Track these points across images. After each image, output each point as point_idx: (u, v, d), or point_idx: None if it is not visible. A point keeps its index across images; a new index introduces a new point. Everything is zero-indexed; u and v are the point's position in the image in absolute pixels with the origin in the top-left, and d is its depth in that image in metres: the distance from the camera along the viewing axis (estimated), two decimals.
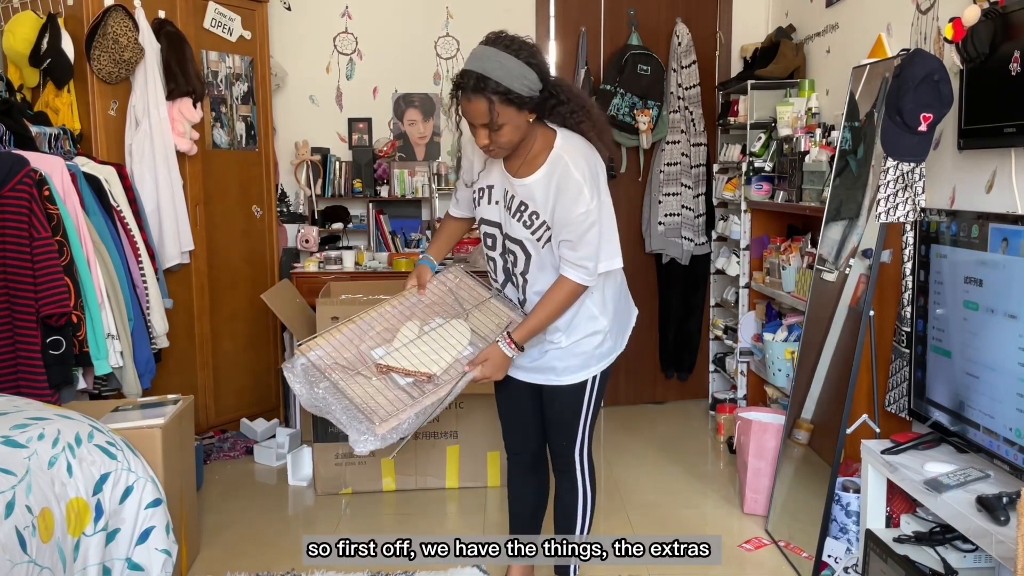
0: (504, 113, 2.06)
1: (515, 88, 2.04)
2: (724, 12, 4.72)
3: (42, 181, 2.87)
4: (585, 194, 2.13)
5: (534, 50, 2.10)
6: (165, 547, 2.43)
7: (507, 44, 2.06)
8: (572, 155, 2.16)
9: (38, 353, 2.83)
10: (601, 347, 2.37)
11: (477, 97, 2.05)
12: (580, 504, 2.51)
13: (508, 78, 2.03)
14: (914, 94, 2.56)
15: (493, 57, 2.04)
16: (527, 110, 2.10)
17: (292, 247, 4.59)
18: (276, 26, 4.48)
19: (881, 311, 2.82)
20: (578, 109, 2.20)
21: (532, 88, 2.08)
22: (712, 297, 4.66)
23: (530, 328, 2.25)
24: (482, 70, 2.03)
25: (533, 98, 2.09)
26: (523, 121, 2.11)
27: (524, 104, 2.07)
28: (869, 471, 2.59)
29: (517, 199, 2.26)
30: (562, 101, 2.17)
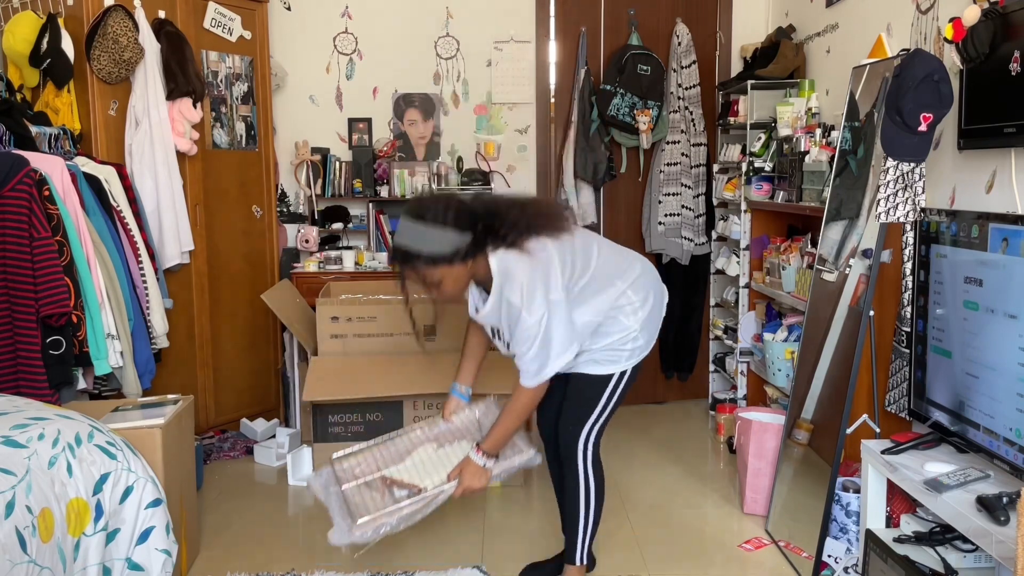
0: (434, 273, 2.26)
1: (436, 251, 2.22)
2: (724, 12, 4.72)
3: (42, 181, 2.87)
4: (524, 316, 2.29)
5: (450, 205, 2.26)
6: (165, 547, 2.43)
7: (420, 215, 2.24)
8: (508, 278, 2.30)
9: (38, 353, 2.83)
10: (636, 343, 2.51)
11: (406, 268, 2.29)
12: (583, 496, 2.58)
13: (428, 245, 2.22)
14: (914, 94, 2.56)
15: (411, 231, 2.24)
16: (457, 262, 2.26)
17: (292, 247, 4.59)
18: (276, 26, 4.48)
19: (881, 311, 2.82)
20: (511, 231, 2.29)
21: (455, 243, 2.23)
22: (712, 297, 4.66)
23: (496, 438, 2.43)
24: (404, 244, 2.25)
25: (459, 250, 2.24)
26: (459, 272, 2.28)
27: (452, 259, 2.24)
28: (869, 471, 2.59)
29: (488, 327, 2.51)
30: (494, 230, 2.29)
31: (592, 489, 2.58)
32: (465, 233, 2.24)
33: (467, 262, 2.28)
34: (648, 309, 2.53)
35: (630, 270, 2.53)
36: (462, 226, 2.24)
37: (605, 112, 4.54)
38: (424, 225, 2.22)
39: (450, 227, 2.22)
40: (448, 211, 2.24)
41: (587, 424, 2.55)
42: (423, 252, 2.22)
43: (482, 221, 2.28)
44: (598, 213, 4.76)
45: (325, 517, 3.32)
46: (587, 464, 2.57)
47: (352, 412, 3.52)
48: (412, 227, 2.24)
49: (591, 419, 2.55)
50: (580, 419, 2.55)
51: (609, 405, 2.54)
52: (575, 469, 2.57)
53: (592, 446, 2.57)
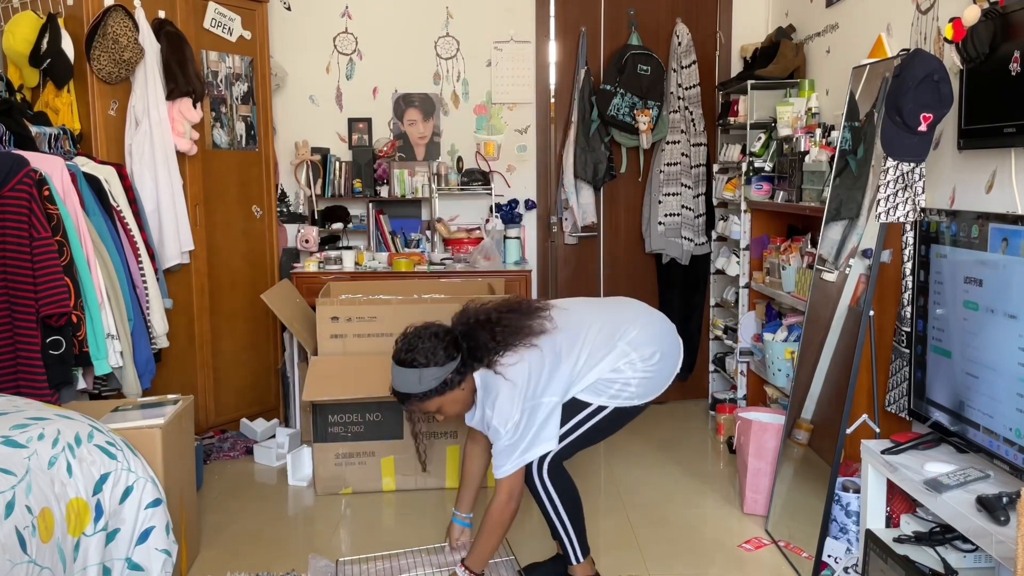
0: (432, 404, 2.44)
1: (426, 389, 2.39)
2: (724, 12, 4.72)
3: (42, 181, 2.87)
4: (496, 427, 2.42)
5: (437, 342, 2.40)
6: (165, 547, 2.43)
7: (406, 361, 2.40)
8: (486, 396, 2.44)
9: (38, 353, 2.83)
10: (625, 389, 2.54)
11: (407, 407, 2.50)
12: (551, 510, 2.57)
13: (418, 386, 2.39)
14: (914, 94, 2.56)
15: (401, 378, 2.41)
16: (451, 388, 2.42)
17: (292, 247, 4.59)
18: (276, 26, 4.48)
19: (881, 311, 2.82)
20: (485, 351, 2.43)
21: (445, 375, 2.39)
22: (712, 297, 4.66)
23: (479, 554, 2.52)
24: (400, 391, 2.44)
25: (448, 381, 2.40)
26: (455, 395, 2.44)
27: (444, 389, 2.41)
28: (869, 471, 2.59)
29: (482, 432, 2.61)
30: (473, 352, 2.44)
31: (556, 498, 2.55)
32: (450, 363, 2.39)
33: (462, 383, 2.43)
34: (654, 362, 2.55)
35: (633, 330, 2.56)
36: (445, 360, 2.39)
37: (605, 112, 4.54)
38: (412, 370, 2.38)
39: (434, 365, 2.38)
40: (430, 352, 2.38)
41: None
42: (415, 392, 2.40)
43: (466, 342, 2.44)
44: (598, 213, 4.77)
45: (325, 518, 3.35)
46: (542, 479, 2.53)
47: (352, 412, 3.52)
48: (401, 373, 2.41)
49: None
50: None
51: (580, 430, 2.54)
52: (532, 486, 2.55)
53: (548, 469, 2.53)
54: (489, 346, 2.44)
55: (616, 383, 2.52)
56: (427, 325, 2.46)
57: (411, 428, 2.70)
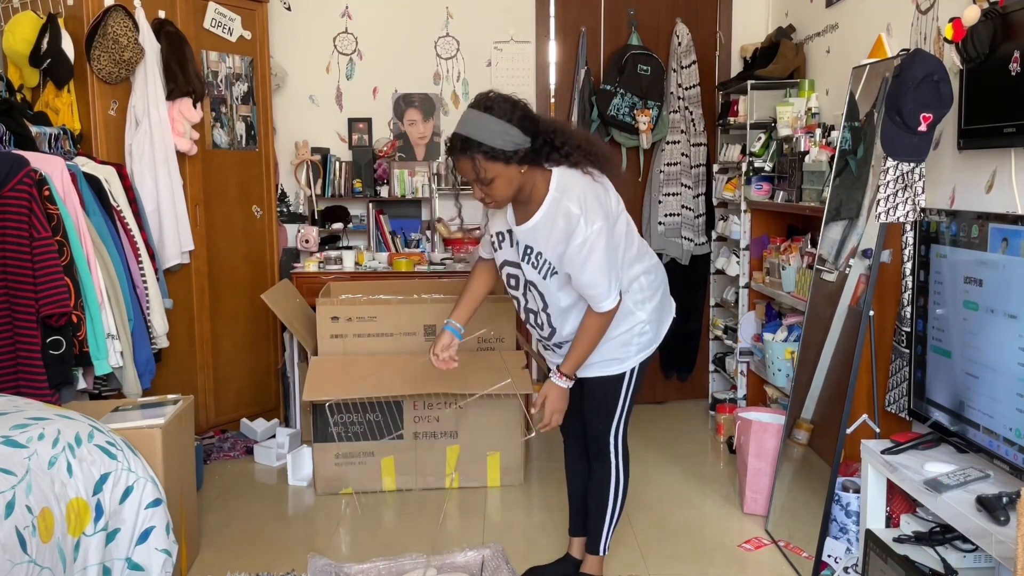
0: (491, 168, 2.21)
1: (497, 145, 2.18)
2: (724, 12, 4.72)
3: (42, 181, 2.87)
4: (581, 225, 2.24)
5: (517, 106, 2.23)
6: (165, 547, 2.43)
7: (487, 106, 2.21)
8: (566, 191, 2.27)
9: (38, 353, 2.83)
10: (642, 336, 2.51)
11: (462, 157, 2.22)
12: (612, 487, 2.63)
13: (490, 137, 2.17)
14: (914, 94, 2.56)
15: (474, 119, 2.20)
16: (515, 163, 2.22)
17: (292, 247, 4.59)
18: (276, 26, 4.48)
19: (881, 311, 2.82)
20: (574, 150, 2.29)
21: (517, 143, 2.20)
22: (712, 297, 4.66)
23: (575, 359, 2.42)
24: (465, 132, 2.20)
25: (519, 151, 2.20)
26: (513, 174, 2.24)
27: (510, 158, 2.20)
28: (869, 471, 2.59)
29: (523, 244, 2.40)
30: (556, 147, 2.27)
31: (622, 481, 2.64)
32: (527, 138, 2.21)
33: (523, 167, 2.24)
34: (658, 301, 2.53)
35: (648, 256, 2.55)
36: (528, 129, 2.21)
37: (605, 112, 4.54)
38: (490, 117, 2.18)
39: (516, 125, 2.19)
40: (517, 111, 2.21)
41: (613, 421, 2.59)
42: (484, 143, 2.17)
43: (544, 134, 2.25)
44: None
45: (325, 518, 3.35)
46: (618, 457, 2.62)
47: (352, 412, 3.52)
48: (477, 117, 2.19)
49: (615, 416, 2.58)
50: (606, 418, 2.59)
51: (627, 400, 2.58)
52: (607, 463, 2.62)
53: (622, 439, 2.62)
54: (582, 147, 2.29)
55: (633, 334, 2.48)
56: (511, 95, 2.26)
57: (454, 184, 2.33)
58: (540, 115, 2.33)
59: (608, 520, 2.66)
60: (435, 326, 3.60)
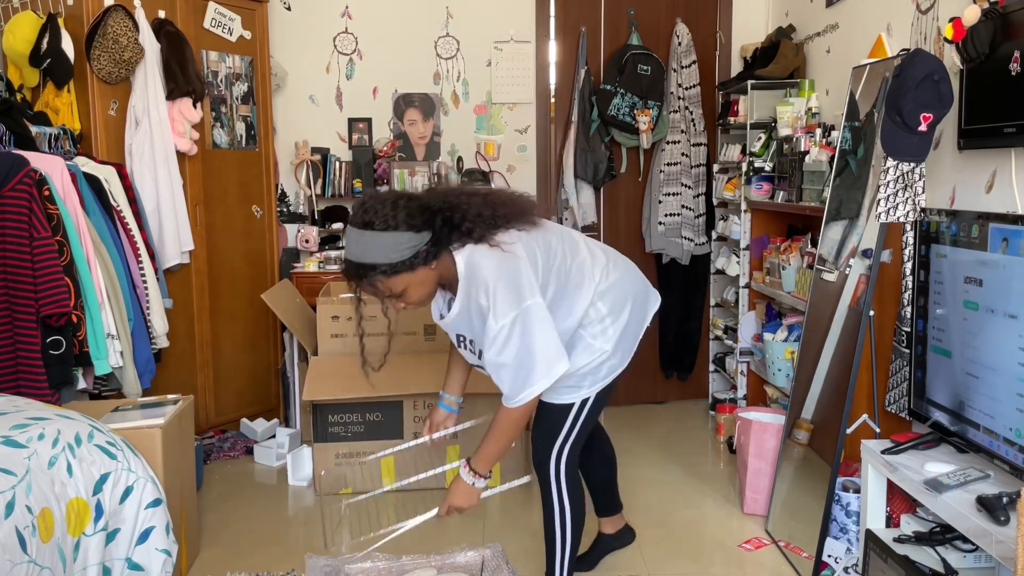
0: (397, 282, 2.03)
1: (393, 260, 1.98)
2: (724, 12, 4.72)
3: (42, 181, 2.87)
4: (491, 320, 2.07)
5: (398, 205, 2.00)
6: (165, 547, 2.43)
7: (366, 221, 1.98)
8: (473, 278, 2.08)
9: (38, 353, 2.83)
10: (601, 367, 2.35)
11: (363, 284, 2.04)
12: (558, 520, 2.43)
13: (383, 255, 1.98)
14: (914, 94, 2.56)
15: (359, 241, 2.00)
16: (420, 266, 2.03)
17: (292, 247, 4.59)
18: (276, 26, 4.48)
19: (881, 311, 2.82)
20: (476, 223, 2.06)
21: (413, 246, 2.00)
22: (712, 297, 4.66)
23: (485, 457, 2.22)
24: (356, 258, 2.01)
25: (418, 254, 2.01)
26: (423, 275, 2.06)
27: (413, 264, 2.01)
28: (869, 471, 2.59)
29: (453, 334, 2.28)
30: (455, 226, 2.07)
31: (568, 511, 2.42)
32: (423, 232, 2.01)
33: (431, 263, 2.05)
34: (625, 319, 2.35)
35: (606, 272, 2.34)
36: (418, 225, 2.00)
37: (605, 112, 4.54)
38: (374, 234, 1.97)
39: (405, 229, 1.98)
40: (398, 211, 1.99)
41: (555, 447, 2.39)
42: (379, 263, 1.98)
43: (440, 215, 2.05)
44: (598, 213, 4.76)
45: (325, 518, 3.34)
46: (560, 485, 2.41)
47: (352, 412, 3.52)
48: (360, 238, 1.99)
49: (557, 443, 2.39)
50: (547, 442, 2.40)
51: (575, 429, 2.39)
52: (548, 491, 2.42)
53: (565, 468, 2.40)
54: (483, 215, 2.05)
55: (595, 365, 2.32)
56: (390, 191, 2.03)
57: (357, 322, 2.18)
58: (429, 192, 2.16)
59: (559, 554, 2.45)
60: (435, 326, 3.60)
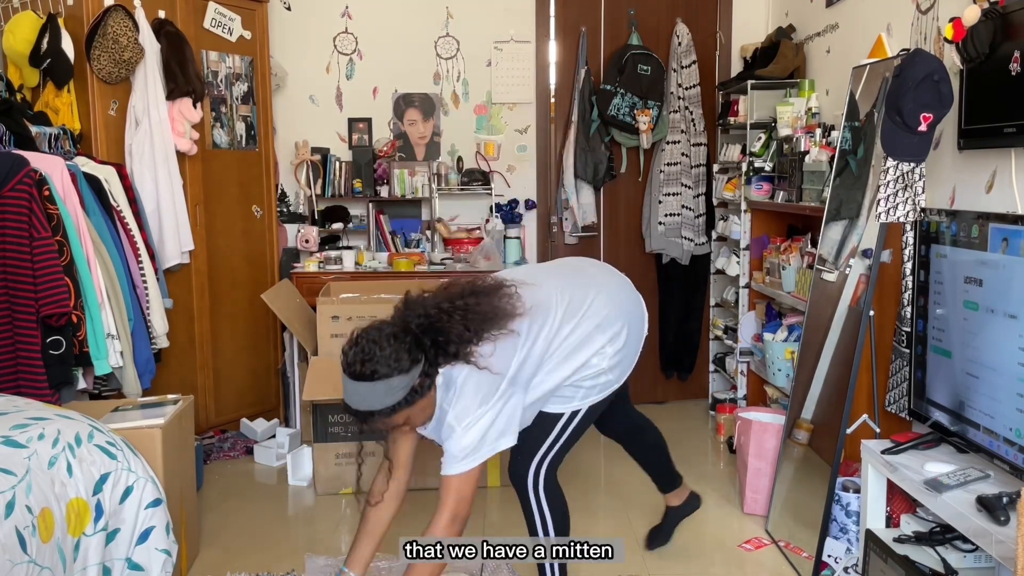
0: (399, 417, 2.08)
1: (391, 403, 2.03)
2: (724, 12, 4.72)
3: (42, 181, 2.87)
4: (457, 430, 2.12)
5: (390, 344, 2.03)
6: (165, 547, 2.43)
7: (362, 374, 2.01)
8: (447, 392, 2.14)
9: (38, 353, 2.83)
10: (597, 380, 2.37)
11: (372, 424, 2.09)
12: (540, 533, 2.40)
13: (381, 401, 2.02)
14: (914, 94, 2.56)
15: (357, 392, 2.03)
16: (418, 399, 2.07)
17: (292, 247, 4.59)
18: (276, 26, 4.48)
19: (881, 311, 2.82)
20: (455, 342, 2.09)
21: (409, 383, 2.04)
22: (712, 297, 4.66)
23: None
24: (357, 407, 2.05)
25: (414, 389, 2.05)
26: (423, 403, 2.11)
27: (412, 400, 2.06)
28: (869, 471, 2.59)
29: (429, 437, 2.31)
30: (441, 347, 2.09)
31: (549, 524, 2.38)
32: (415, 367, 2.04)
33: (426, 394, 2.10)
34: (622, 342, 2.39)
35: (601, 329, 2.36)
36: (407, 366, 2.03)
37: (605, 112, 4.54)
38: (372, 384, 2.01)
39: (397, 374, 2.01)
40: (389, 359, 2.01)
41: (537, 454, 2.37)
42: (379, 409, 2.03)
43: (427, 338, 2.08)
44: (598, 213, 4.77)
45: (325, 518, 3.35)
46: (539, 498, 2.38)
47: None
48: (358, 389, 2.02)
49: (541, 450, 2.37)
50: (530, 448, 2.36)
51: (560, 440, 2.38)
52: (527, 504, 2.39)
53: (544, 479, 2.38)
54: (464, 336, 2.09)
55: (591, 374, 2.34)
56: (378, 326, 2.09)
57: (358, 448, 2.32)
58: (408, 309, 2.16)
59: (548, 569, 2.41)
60: None
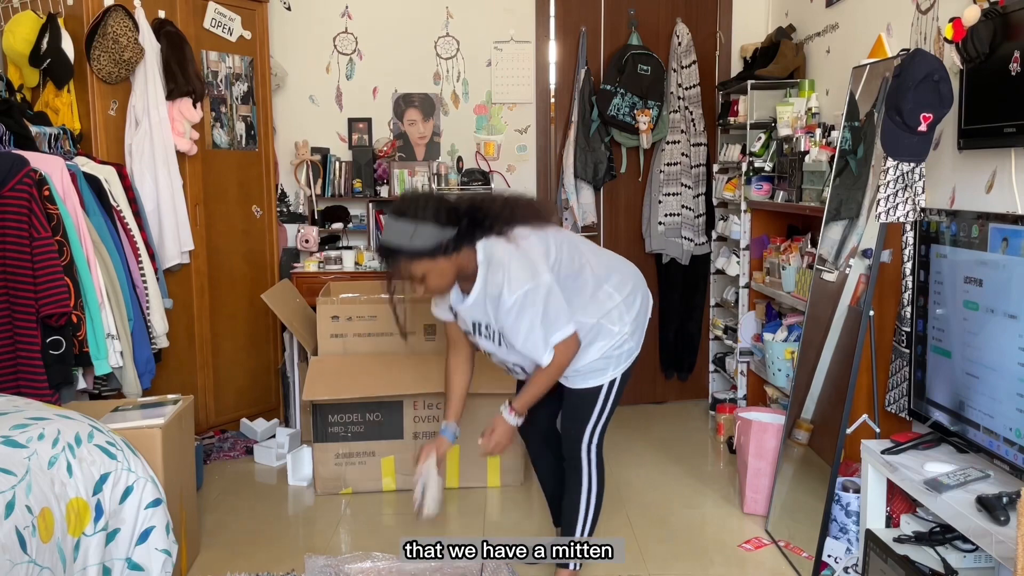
0: (418, 267, 2.30)
1: (417, 246, 2.26)
2: (724, 12, 4.72)
3: (42, 181, 2.87)
4: (505, 294, 2.32)
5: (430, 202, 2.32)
6: (165, 547, 2.43)
7: (401, 211, 2.31)
8: (491, 262, 2.35)
9: (38, 353, 2.83)
10: (622, 348, 2.55)
11: (391, 263, 2.35)
12: (584, 498, 2.61)
13: (408, 241, 2.27)
14: (914, 94, 2.56)
15: (391, 227, 2.31)
16: (440, 256, 2.30)
17: (292, 247, 4.59)
18: (276, 26, 4.48)
19: (881, 311, 2.82)
20: (496, 221, 2.37)
21: (437, 238, 2.27)
22: (712, 297, 4.66)
23: (527, 399, 2.48)
24: (386, 242, 2.32)
25: (440, 245, 2.28)
26: (443, 266, 2.32)
27: (434, 253, 2.28)
28: (869, 471, 2.59)
29: (469, 321, 2.51)
30: (478, 222, 2.36)
31: (595, 493, 2.61)
32: (448, 228, 2.29)
33: (451, 256, 2.32)
34: (636, 309, 2.58)
35: (617, 272, 2.59)
36: (444, 221, 2.29)
37: (605, 112, 4.54)
38: (406, 221, 2.27)
39: (431, 222, 2.26)
40: (429, 207, 2.29)
41: (587, 429, 2.59)
42: (404, 247, 2.27)
43: (466, 216, 2.34)
44: (598, 213, 4.76)
45: (325, 518, 3.35)
46: (591, 467, 2.60)
47: (352, 412, 3.52)
48: (394, 224, 2.30)
49: (590, 424, 2.59)
50: (580, 425, 2.59)
51: (606, 410, 2.59)
52: (579, 472, 2.60)
53: (596, 447, 2.61)
54: (503, 215, 2.38)
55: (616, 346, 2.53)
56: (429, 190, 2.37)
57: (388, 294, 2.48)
58: (460, 198, 2.44)
59: (580, 532, 2.63)
60: (435, 326, 3.60)
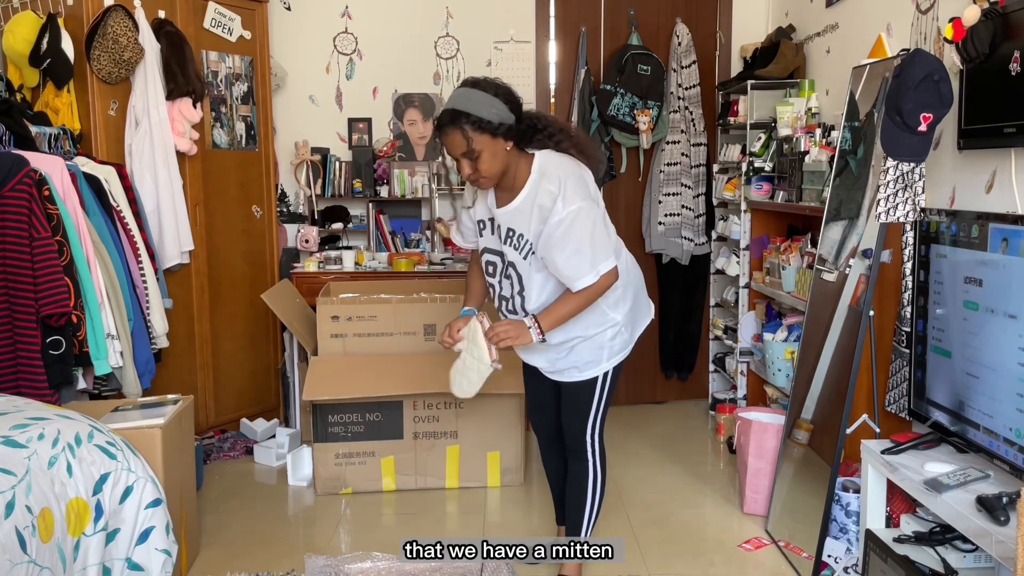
0: (478, 140, 2.26)
1: (484, 116, 2.25)
2: (724, 12, 4.72)
3: (42, 181, 2.87)
4: (559, 204, 2.29)
5: (502, 87, 2.33)
6: (165, 547, 2.43)
7: (475, 83, 2.32)
8: (546, 172, 2.34)
9: (38, 353, 2.83)
10: (615, 340, 2.55)
11: (451, 129, 2.28)
12: (590, 486, 2.67)
13: (476, 108, 2.25)
14: (914, 94, 2.56)
15: (462, 94, 2.30)
16: (500, 136, 2.29)
17: (292, 247, 4.59)
18: (276, 26, 4.48)
19: (881, 311, 2.82)
20: (556, 132, 2.40)
21: (502, 116, 2.27)
22: (712, 297, 4.66)
23: (553, 318, 2.39)
24: (453, 105, 2.28)
25: (504, 124, 2.28)
26: (500, 148, 2.30)
27: (496, 130, 2.27)
28: (869, 471, 2.59)
29: (504, 227, 2.45)
30: (539, 128, 2.39)
31: (599, 481, 2.68)
32: (513, 116, 2.29)
33: (509, 142, 2.31)
34: (631, 303, 2.58)
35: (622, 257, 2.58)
36: (512, 107, 2.30)
37: (605, 112, 4.54)
38: (477, 91, 2.27)
39: (503, 102, 2.27)
40: (503, 89, 2.31)
41: (588, 421, 2.64)
42: (472, 113, 2.24)
43: (528, 119, 2.36)
44: None
45: (325, 518, 3.35)
46: (595, 456, 2.67)
47: (352, 412, 3.52)
48: (464, 92, 2.29)
49: (590, 417, 2.64)
50: (581, 419, 2.64)
51: (603, 400, 2.63)
52: (584, 462, 2.66)
53: (598, 439, 2.67)
54: (564, 131, 2.40)
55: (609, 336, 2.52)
56: None
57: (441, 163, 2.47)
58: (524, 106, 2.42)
59: (586, 520, 2.69)
60: (435, 325, 3.61)
